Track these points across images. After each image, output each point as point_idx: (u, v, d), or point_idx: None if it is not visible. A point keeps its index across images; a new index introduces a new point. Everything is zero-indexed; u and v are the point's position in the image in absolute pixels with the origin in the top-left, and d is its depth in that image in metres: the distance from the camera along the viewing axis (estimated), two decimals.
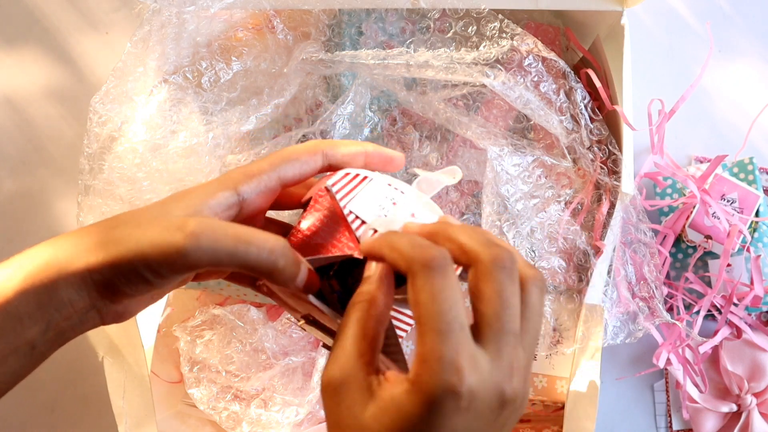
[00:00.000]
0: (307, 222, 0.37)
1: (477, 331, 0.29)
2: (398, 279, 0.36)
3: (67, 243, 0.33)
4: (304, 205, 0.38)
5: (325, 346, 0.39)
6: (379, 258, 0.32)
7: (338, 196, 0.35)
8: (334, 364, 0.29)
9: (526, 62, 0.57)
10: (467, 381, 0.26)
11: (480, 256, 0.29)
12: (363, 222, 0.35)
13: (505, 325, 0.28)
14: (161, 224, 0.31)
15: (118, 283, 0.32)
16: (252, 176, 0.35)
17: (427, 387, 0.26)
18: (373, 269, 0.32)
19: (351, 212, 0.35)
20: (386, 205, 0.36)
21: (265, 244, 0.31)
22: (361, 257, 0.33)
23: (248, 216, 0.37)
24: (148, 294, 0.33)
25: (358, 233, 0.35)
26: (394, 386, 0.28)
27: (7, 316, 0.32)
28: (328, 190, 0.35)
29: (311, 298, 0.35)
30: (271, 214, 0.40)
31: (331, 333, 0.37)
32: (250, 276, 0.39)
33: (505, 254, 0.29)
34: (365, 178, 0.37)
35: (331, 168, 0.38)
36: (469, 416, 0.27)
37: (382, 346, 0.31)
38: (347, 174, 0.37)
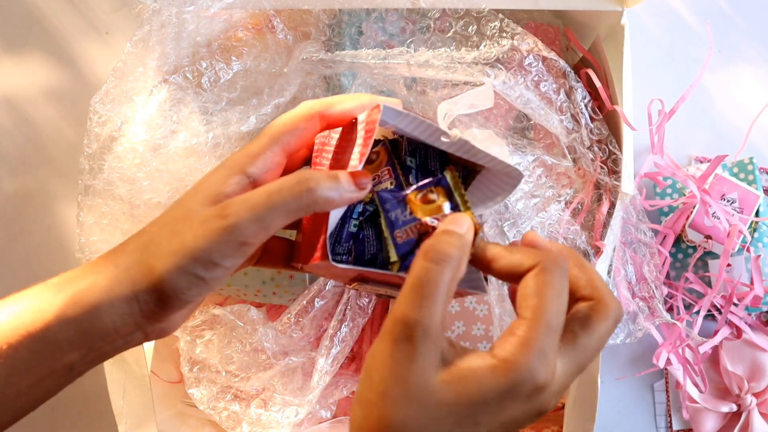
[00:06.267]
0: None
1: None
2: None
3: (105, 269, 0.33)
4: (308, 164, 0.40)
5: (379, 295, 0.40)
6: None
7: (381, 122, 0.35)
8: (418, 307, 0.28)
9: (527, 62, 0.57)
10: (547, 376, 0.29)
11: (606, 299, 0.33)
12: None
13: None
14: (196, 221, 0.32)
15: (173, 295, 0.32)
16: (256, 156, 0.35)
17: (519, 370, 0.28)
18: (465, 227, 0.32)
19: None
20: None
21: (289, 181, 0.32)
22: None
23: None
24: (200, 296, 0.34)
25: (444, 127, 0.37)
26: (473, 359, 0.29)
27: (46, 342, 0.32)
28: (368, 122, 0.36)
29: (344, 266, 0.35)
30: None
31: (386, 285, 0.38)
32: (283, 254, 0.41)
33: None
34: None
35: (330, 128, 0.39)
36: (529, 407, 0.29)
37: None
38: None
